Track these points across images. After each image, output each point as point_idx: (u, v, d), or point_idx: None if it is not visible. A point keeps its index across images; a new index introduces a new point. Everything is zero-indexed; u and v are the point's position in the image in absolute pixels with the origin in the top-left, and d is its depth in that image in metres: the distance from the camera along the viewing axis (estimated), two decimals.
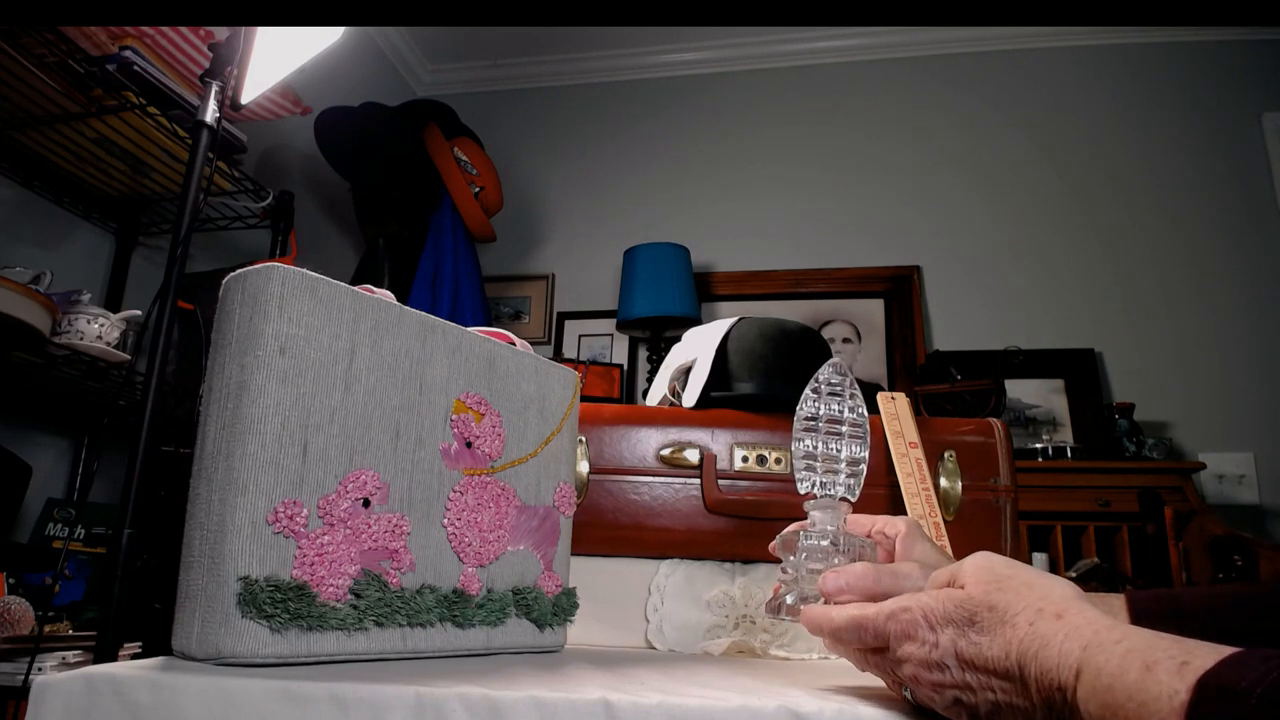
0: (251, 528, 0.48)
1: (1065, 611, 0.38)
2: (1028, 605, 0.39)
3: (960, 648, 0.40)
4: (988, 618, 0.39)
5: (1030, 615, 0.38)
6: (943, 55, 2.89)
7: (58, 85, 1.40)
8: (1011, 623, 0.38)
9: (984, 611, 0.40)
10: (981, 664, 0.39)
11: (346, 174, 2.42)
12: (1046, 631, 0.37)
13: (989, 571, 0.42)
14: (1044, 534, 2.13)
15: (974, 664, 0.39)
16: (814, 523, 0.54)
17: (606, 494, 0.83)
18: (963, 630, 0.40)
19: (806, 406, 0.57)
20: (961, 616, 0.40)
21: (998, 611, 0.39)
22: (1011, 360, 2.47)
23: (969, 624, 0.40)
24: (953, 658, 0.40)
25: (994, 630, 0.39)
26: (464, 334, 0.62)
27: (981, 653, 0.39)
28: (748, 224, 2.89)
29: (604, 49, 3.09)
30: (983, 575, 0.42)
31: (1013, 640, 0.38)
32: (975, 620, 0.40)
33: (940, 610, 0.41)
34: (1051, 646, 0.36)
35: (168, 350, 1.07)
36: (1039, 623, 0.38)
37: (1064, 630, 0.37)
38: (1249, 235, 2.53)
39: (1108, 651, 0.34)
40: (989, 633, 0.39)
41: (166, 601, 0.56)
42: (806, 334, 0.90)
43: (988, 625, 0.39)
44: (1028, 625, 0.38)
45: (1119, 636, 0.35)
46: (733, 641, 0.77)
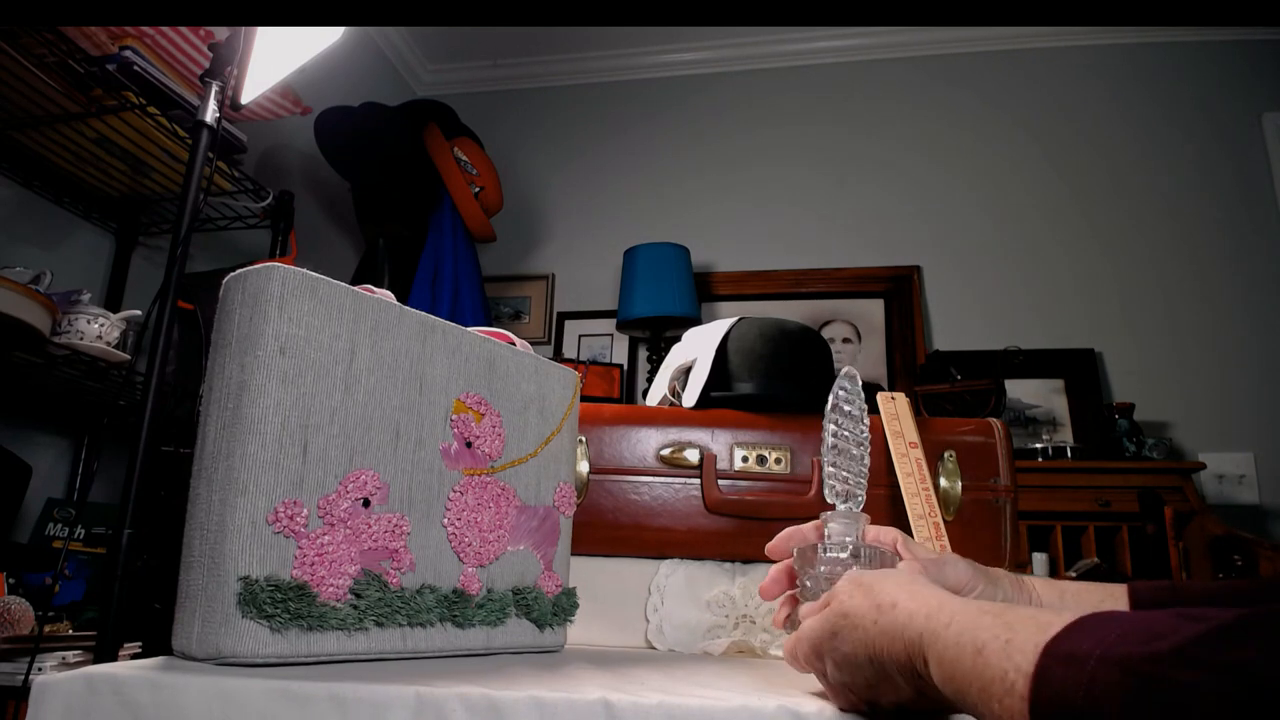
0: (251, 528, 0.48)
1: (897, 600, 0.40)
2: (870, 604, 0.41)
3: (838, 662, 0.43)
4: (844, 625, 0.42)
5: (872, 614, 0.41)
6: (943, 55, 2.89)
7: (58, 85, 1.40)
8: (862, 625, 0.41)
9: (839, 620, 0.43)
10: (859, 674, 0.41)
11: (346, 174, 2.42)
12: (888, 625, 0.39)
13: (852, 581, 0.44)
14: (1044, 534, 2.13)
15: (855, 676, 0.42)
16: (831, 535, 0.54)
17: (606, 494, 0.83)
18: (832, 645, 0.43)
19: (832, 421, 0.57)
20: (827, 632, 0.43)
21: (850, 618, 0.42)
22: (1011, 360, 2.47)
23: (834, 637, 0.43)
24: (838, 676, 0.43)
25: (852, 637, 0.41)
26: (464, 334, 0.62)
27: (851, 662, 0.42)
28: (748, 224, 2.89)
29: (604, 49, 3.09)
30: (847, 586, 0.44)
31: (865, 641, 0.40)
32: (838, 632, 0.42)
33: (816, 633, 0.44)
34: (896, 640, 0.38)
35: (168, 350, 1.07)
36: (880, 619, 0.40)
37: (900, 621, 0.39)
38: (1249, 235, 2.53)
39: (942, 639, 0.36)
40: (848, 641, 0.42)
41: (166, 601, 0.56)
42: (806, 334, 0.90)
43: (846, 634, 0.42)
44: (873, 624, 0.40)
45: (948, 618, 0.36)
46: (733, 641, 0.77)
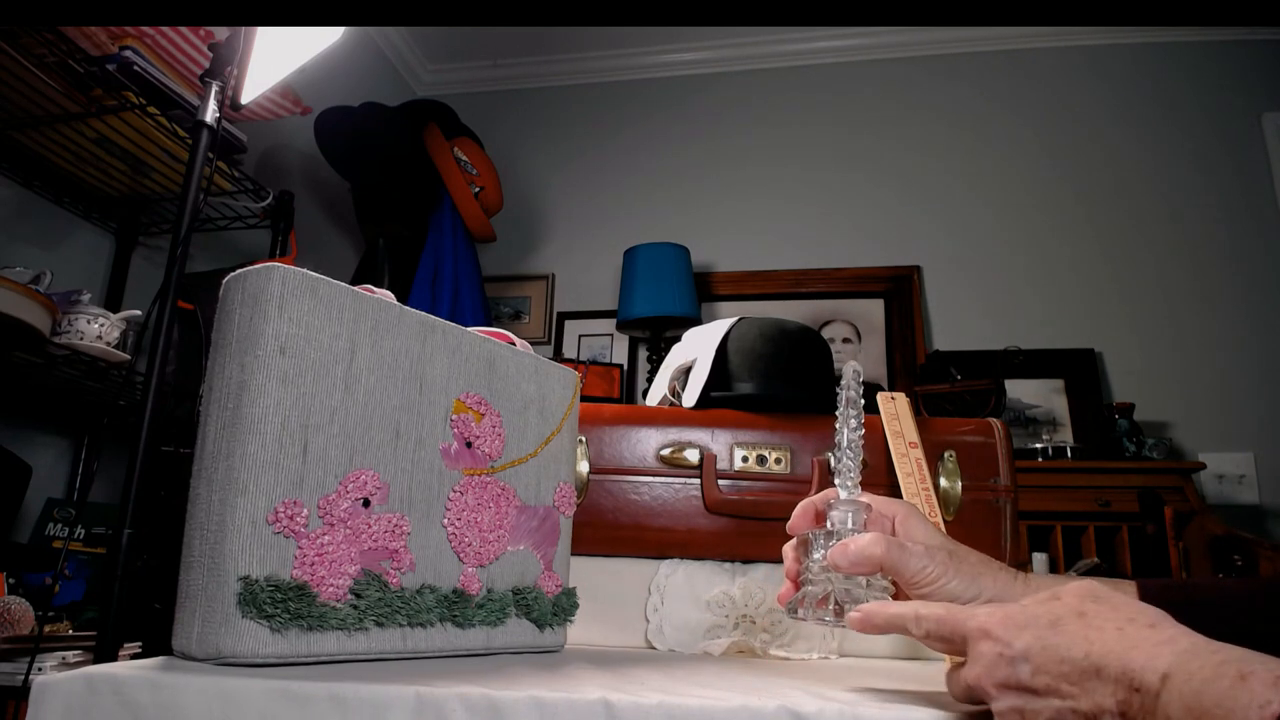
0: (251, 528, 0.48)
1: (1159, 624, 0.38)
2: (1119, 615, 0.39)
3: (1035, 650, 0.39)
4: (1073, 622, 0.39)
5: (1120, 623, 0.38)
6: (943, 55, 2.89)
7: (58, 85, 1.40)
8: (1099, 627, 0.38)
9: (1071, 617, 0.40)
10: (1055, 665, 0.38)
11: (346, 174, 2.42)
12: (1137, 637, 0.37)
13: (1087, 589, 0.42)
14: (1044, 534, 2.13)
15: (1046, 666, 0.39)
16: (832, 523, 0.53)
17: (606, 494, 0.83)
18: (1043, 633, 0.40)
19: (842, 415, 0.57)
20: (1046, 620, 0.40)
21: (1087, 618, 0.39)
22: (1011, 360, 2.47)
23: (1051, 626, 0.40)
24: (1025, 658, 0.40)
25: (1077, 632, 0.39)
26: (464, 334, 0.62)
27: (1059, 653, 0.38)
28: (748, 224, 2.89)
29: (604, 49, 3.09)
30: (1081, 591, 0.42)
31: (1094, 640, 0.38)
32: (1059, 623, 0.40)
33: (1025, 613, 0.41)
34: (1139, 650, 0.36)
35: (168, 350, 1.07)
36: (1129, 629, 0.38)
37: (1155, 639, 0.36)
38: (1249, 235, 2.53)
39: (1202, 658, 0.34)
40: (1070, 634, 0.39)
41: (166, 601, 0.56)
42: (806, 334, 0.90)
43: (1071, 628, 0.39)
44: (1116, 630, 0.38)
45: (1215, 648, 0.35)
46: (733, 641, 0.77)
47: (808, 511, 0.57)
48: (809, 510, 0.57)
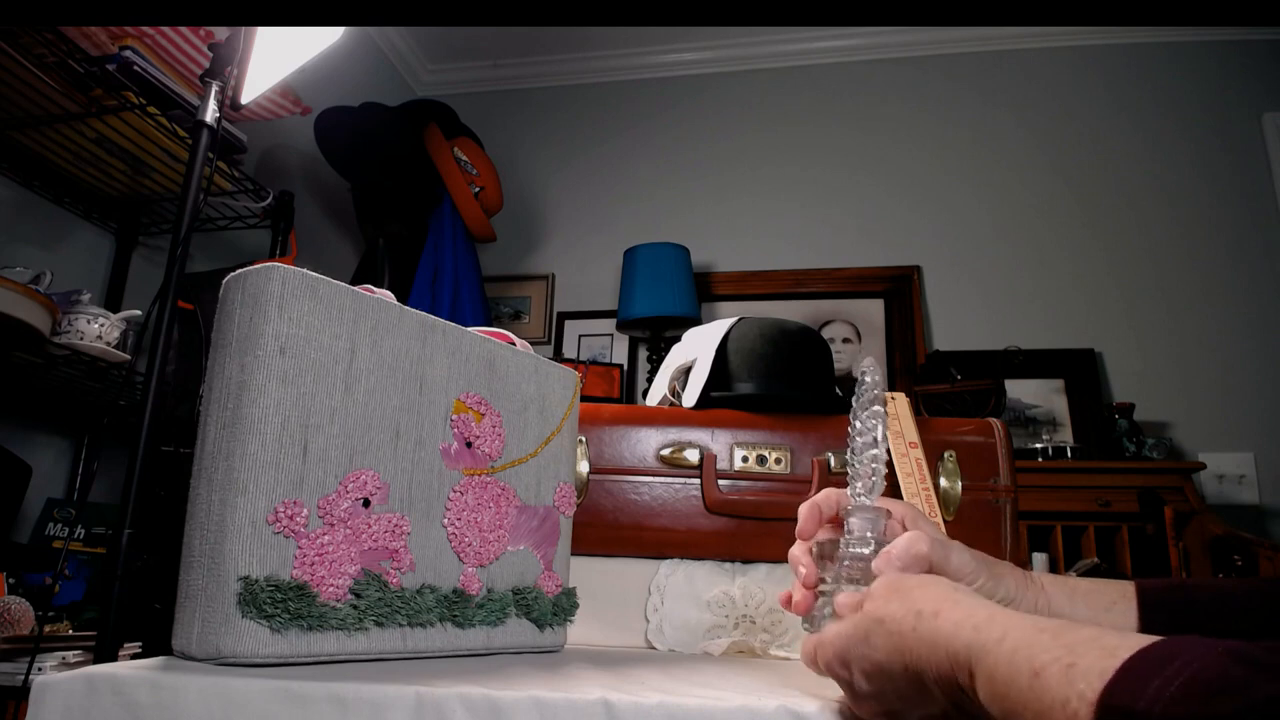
0: (251, 528, 0.48)
1: (940, 609, 0.38)
2: (908, 610, 0.39)
3: (867, 670, 0.41)
4: (878, 631, 0.40)
5: (911, 620, 0.39)
6: (943, 55, 2.89)
7: (58, 85, 1.40)
8: (898, 631, 0.39)
9: (874, 626, 0.41)
10: (888, 683, 0.40)
11: (346, 174, 2.42)
12: (929, 634, 0.37)
13: (889, 585, 0.43)
14: (1044, 534, 2.13)
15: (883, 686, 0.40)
16: (852, 530, 0.51)
17: (606, 494, 0.83)
18: (862, 652, 0.41)
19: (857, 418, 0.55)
20: (859, 637, 0.41)
21: (885, 623, 0.40)
22: (1011, 360, 2.47)
23: (865, 643, 0.41)
24: (865, 684, 0.41)
25: (885, 643, 0.39)
26: (464, 334, 0.62)
27: (882, 669, 0.39)
28: (748, 224, 2.89)
29: (604, 49, 3.09)
30: (883, 589, 0.42)
31: (903, 649, 0.38)
32: (870, 637, 0.41)
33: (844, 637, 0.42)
34: (939, 649, 0.36)
35: (168, 350, 1.07)
36: (920, 625, 0.38)
37: (944, 630, 0.37)
38: (1249, 235, 2.53)
39: (993, 654, 0.34)
40: (881, 647, 0.40)
41: (166, 601, 0.56)
42: (806, 334, 0.90)
43: (879, 640, 0.40)
44: (911, 631, 0.38)
45: (1000, 633, 0.34)
46: (733, 641, 0.77)
47: (814, 514, 0.55)
48: (815, 512, 0.55)
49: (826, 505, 0.55)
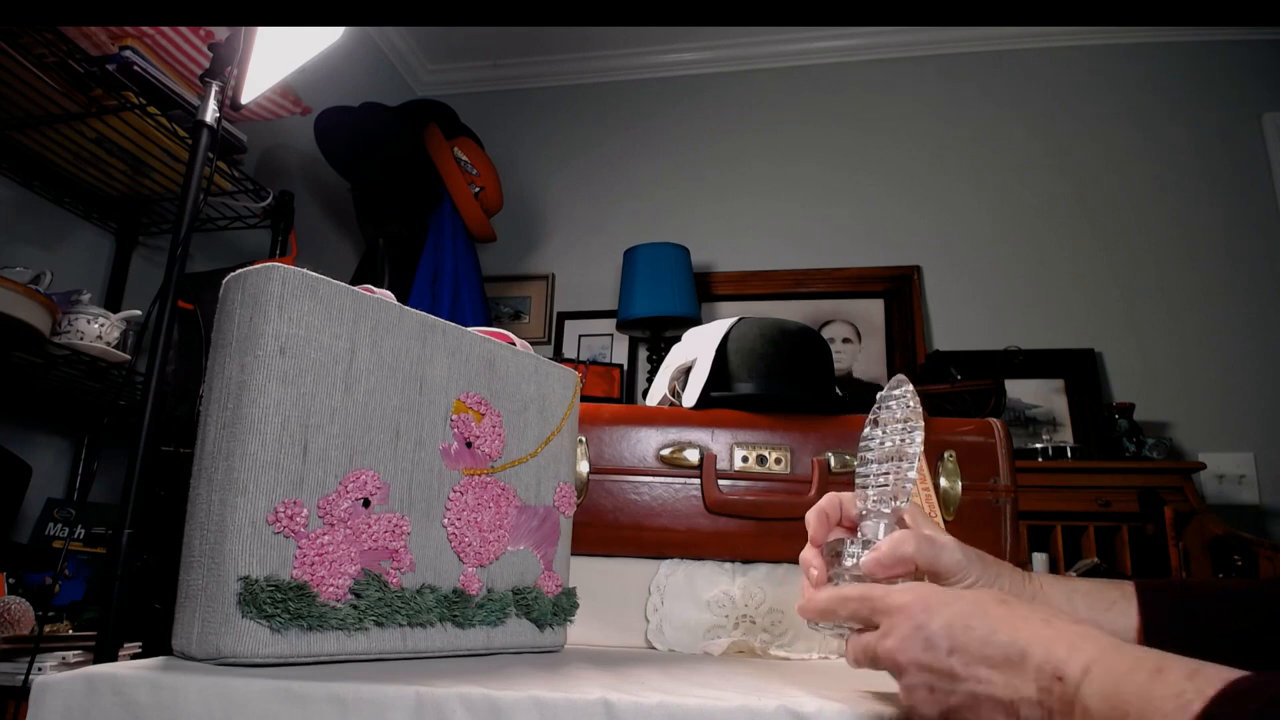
0: (251, 528, 0.48)
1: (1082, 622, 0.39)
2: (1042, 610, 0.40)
3: (955, 630, 0.39)
4: (997, 609, 0.40)
5: (1046, 616, 0.39)
6: (943, 55, 2.89)
7: (58, 85, 1.40)
8: (1025, 617, 0.39)
9: (994, 604, 0.40)
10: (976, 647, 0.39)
11: (346, 174, 2.42)
12: (1063, 630, 0.38)
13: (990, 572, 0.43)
14: (1044, 534, 2.13)
15: (966, 648, 0.39)
16: (864, 533, 0.52)
17: (606, 494, 0.83)
18: (964, 615, 0.40)
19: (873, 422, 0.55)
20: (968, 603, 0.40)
21: (1010, 605, 0.40)
22: (1011, 360, 2.47)
23: (974, 609, 0.40)
24: (944, 638, 0.40)
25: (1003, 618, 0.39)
26: (464, 334, 0.62)
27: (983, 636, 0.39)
28: (748, 224, 2.89)
29: (604, 49, 3.09)
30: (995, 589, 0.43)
31: (1023, 629, 0.38)
32: (982, 607, 0.40)
33: (944, 595, 0.41)
34: (1064, 641, 0.37)
35: (168, 350, 1.07)
36: (1055, 623, 0.38)
37: (1081, 633, 0.37)
38: (1249, 235, 2.53)
39: (1123, 653, 0.35)
40: (995, 619, 0.39)
41: (166, 601, 0.56)
42: (806, 334, 0.90)
43: (996, 613, 0.39)
44: (1042, 622, 0.38)
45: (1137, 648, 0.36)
46: (733, 641, 0.77)
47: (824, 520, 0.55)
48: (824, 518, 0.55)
49: (833, 510, 0.55)
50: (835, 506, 0.55)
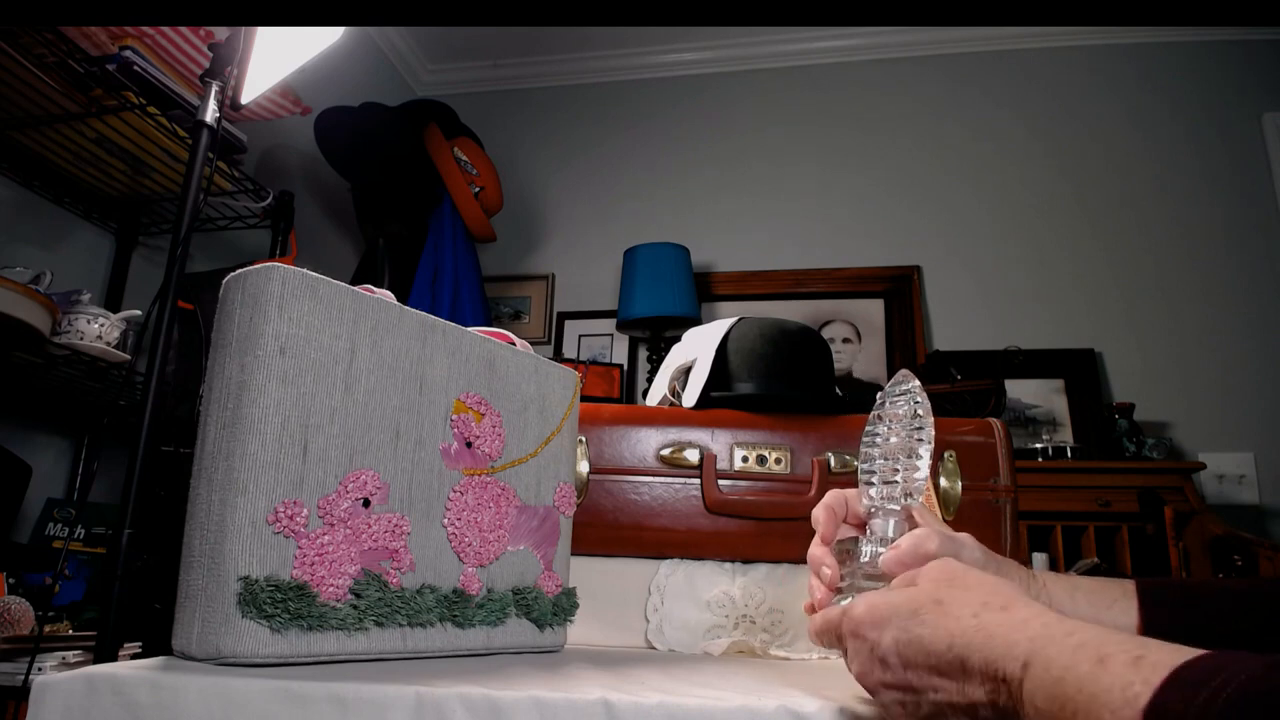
0: (251, 528, 0.48)
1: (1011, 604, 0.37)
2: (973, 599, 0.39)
3: (901, 643, 0.39)
4: (932, 611, 0.39)
5: (975, 608, 0.38)
6: (943, 55, 2.89)
7: (58, 85, 1.40)
8: (955, 615, 0.38)
9: (928, 604, 0.40)
10: (923, 659, 0.38)
11: (346, 174, 2.42)
12: (991, 623, 0.37)
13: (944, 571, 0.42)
14: (1044, 534, 2.13)
15: (914, 661, 0.39)
16: (874, 530, 0.52)
17: (606, 494, 0.83)
18: (905, 624, 0.40)
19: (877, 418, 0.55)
20: (907, 610, 0.40)
21: (943, 605, 0.39)
22: (1011, 360, 2.47)
23: (912, 617, 0.40)
24: (894, 654, 0.40)
25: (936, 623, 0.38)
26: (464, 334, 0.62)
27: (923, 646, 0.38)
28: (748, 224, 2.89)
29: (604, 49, 3.09)
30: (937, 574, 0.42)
31: (955, 632, 0.37)
32: (919, 613, 0.39)
33: (887, 604, 0.41)
34: (997, 638, 0.36)
35: (168, 350, 1.07)
36: (984, 614, 0.37)
37: (1010, 622, 0.36)
38: (1249, 235, 2.53)
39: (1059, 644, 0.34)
40: (930, 625, 0.39)
41: (166, 601, 0.56)
42: (806, 334, 0.90)
43: (930, 619, 0.39)
44: (971, 617, 0.37)
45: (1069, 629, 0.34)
46: (733, 641, 0.77)
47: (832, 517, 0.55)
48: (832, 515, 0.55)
49: (839, 507, 0.55)
50: (841, 503, 0.55)
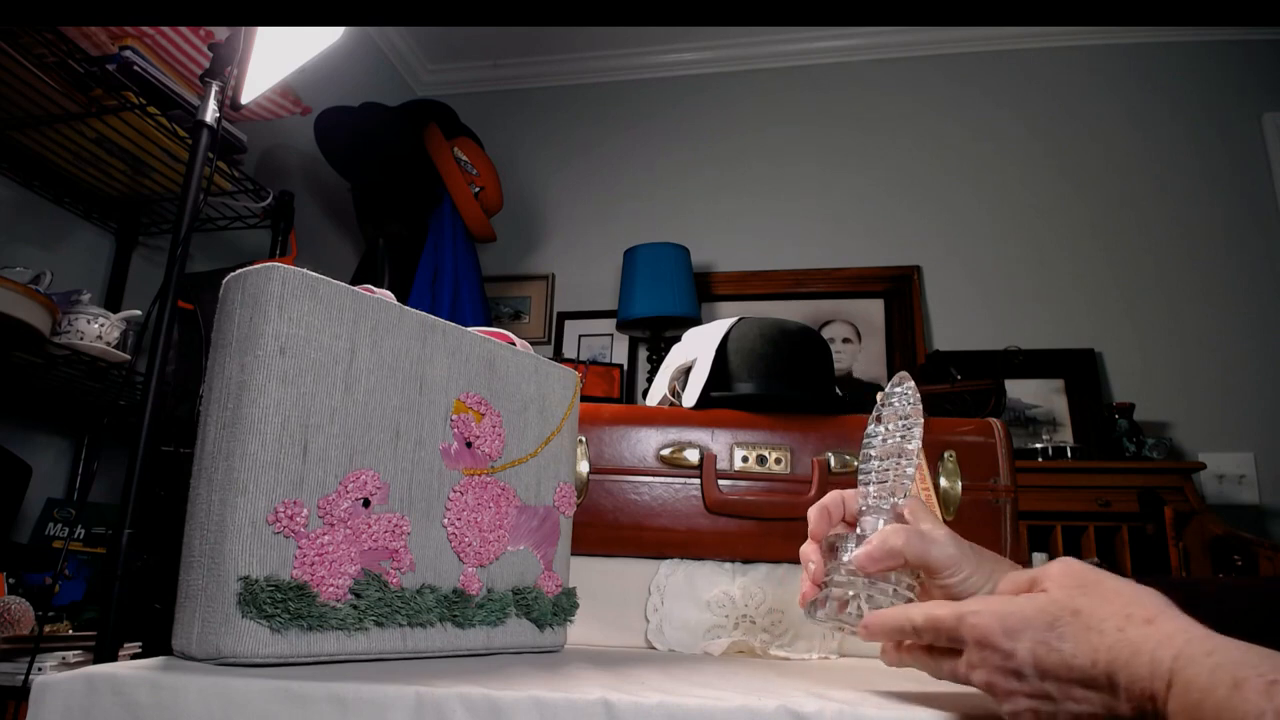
0: (251, 528, 0.48)
1: (1155, 618, 0.37)
2: (1115, 611, 0.38)
3: (1039, 655, 0.38)
4: (1071, 623, 0.38)
5: (1119, 621, 0.37)
6: (943, 55, 2.89)
7: (58, 85, 1.40)
8: (1099, 629, 0.37)
9: (1067, 616, 0.38)
10: (1064, 672, 0.38)
11: (346, 174, 2.42)
12: (1137, 638, 0.36)
13: (1072, 576, 0.40)
14: (1044, 534, 2.13)
15: (1055, 673, 0.38)
16: (864, 529, 0.52)
17: (606, 494, 0.83)
18: (1043, 637, 0.38)
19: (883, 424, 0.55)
20: (1042, 621, 0.39)
21: (1083, 616, 0.38)
22: (1011, 360, 2.47)
23: (1049, 629, 0.38)
24: (1030, 666, 0.38)
25: (1079, 636, 0.38)
26: (464, 334, 0.62)
27: (1065, 660, 0.37)
28: (748, 224, 2.89)
29: (604, 49, 3.09)
30: (1066, 579, 0.40)
31: (1100, 647, 0.37)
32: (1057, 625, 0.38)
33: (1019, 615, 0.40)
34: (1143, 654, 0.35)
35: (168, 350, 1.07)
36: (1129, 629, 0.37)
37: (1155, 638, 0.36)
38: (1249, 235, 2.53)
39: (1198, 664, 0.33)
40: (1072, 639, 0.38)
41: (166, 601, 0.56)
42: (806, 334, 0.90)
43: (1071, 631, 0.38)
44: (1117, 632, 0.37)
45: (1210, 648, 0.34)
46: (733, 641, 0.77)
47: (824, 517, 0.56)
48: (825, 515, 0.56)
49: (835, 507, 0.56)
50: (838, 503, 0.56)
